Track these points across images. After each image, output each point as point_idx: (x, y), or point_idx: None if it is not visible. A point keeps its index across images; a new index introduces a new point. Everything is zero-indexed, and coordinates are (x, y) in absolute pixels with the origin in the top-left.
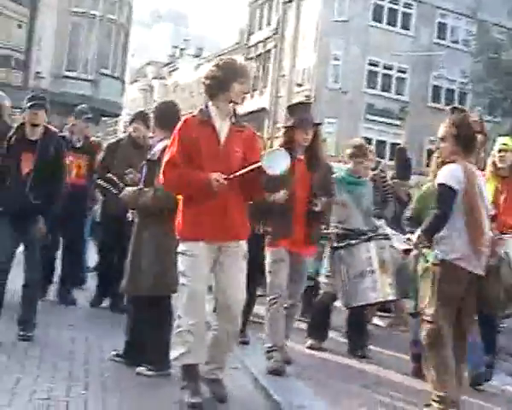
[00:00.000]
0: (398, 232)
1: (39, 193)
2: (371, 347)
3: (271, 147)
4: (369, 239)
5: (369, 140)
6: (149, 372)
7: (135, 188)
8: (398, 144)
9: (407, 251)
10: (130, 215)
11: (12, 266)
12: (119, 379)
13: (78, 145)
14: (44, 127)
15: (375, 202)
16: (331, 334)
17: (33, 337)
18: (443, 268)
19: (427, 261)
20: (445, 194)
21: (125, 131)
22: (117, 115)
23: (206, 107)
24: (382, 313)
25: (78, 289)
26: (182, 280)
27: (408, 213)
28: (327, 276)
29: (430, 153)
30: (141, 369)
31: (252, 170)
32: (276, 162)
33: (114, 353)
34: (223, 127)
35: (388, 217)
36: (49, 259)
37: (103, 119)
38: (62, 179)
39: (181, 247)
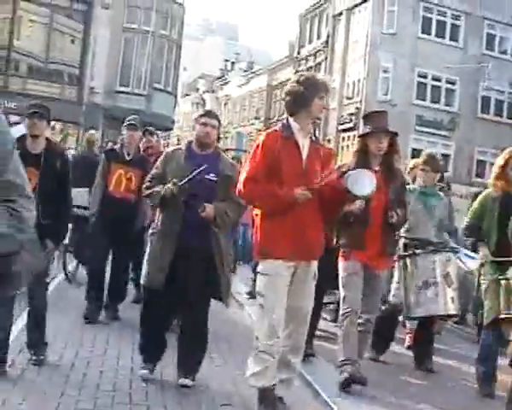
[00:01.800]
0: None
1: (47, 212)
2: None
3: None
4: (435, 251)
5: (419, 151)
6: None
7: (222, 203)
8: (448, 155)
9: None
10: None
11: None
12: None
13: (128, 158)
14: (47, 139)
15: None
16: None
17: (44, 361)
18: None
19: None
20: None
21: (178, 144)
22: (169, 129)
23: (287, 122)
24: None
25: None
26: (260, 301)
27: (465, 222)
28: (396, 288)
29: (479, 163)
30: (186, 381)
31: (333, 186)
32: (361, 183)
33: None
34: (304, 144)
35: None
36: (99, 284)
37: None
38: (69, 197)
39: (260, 266)
